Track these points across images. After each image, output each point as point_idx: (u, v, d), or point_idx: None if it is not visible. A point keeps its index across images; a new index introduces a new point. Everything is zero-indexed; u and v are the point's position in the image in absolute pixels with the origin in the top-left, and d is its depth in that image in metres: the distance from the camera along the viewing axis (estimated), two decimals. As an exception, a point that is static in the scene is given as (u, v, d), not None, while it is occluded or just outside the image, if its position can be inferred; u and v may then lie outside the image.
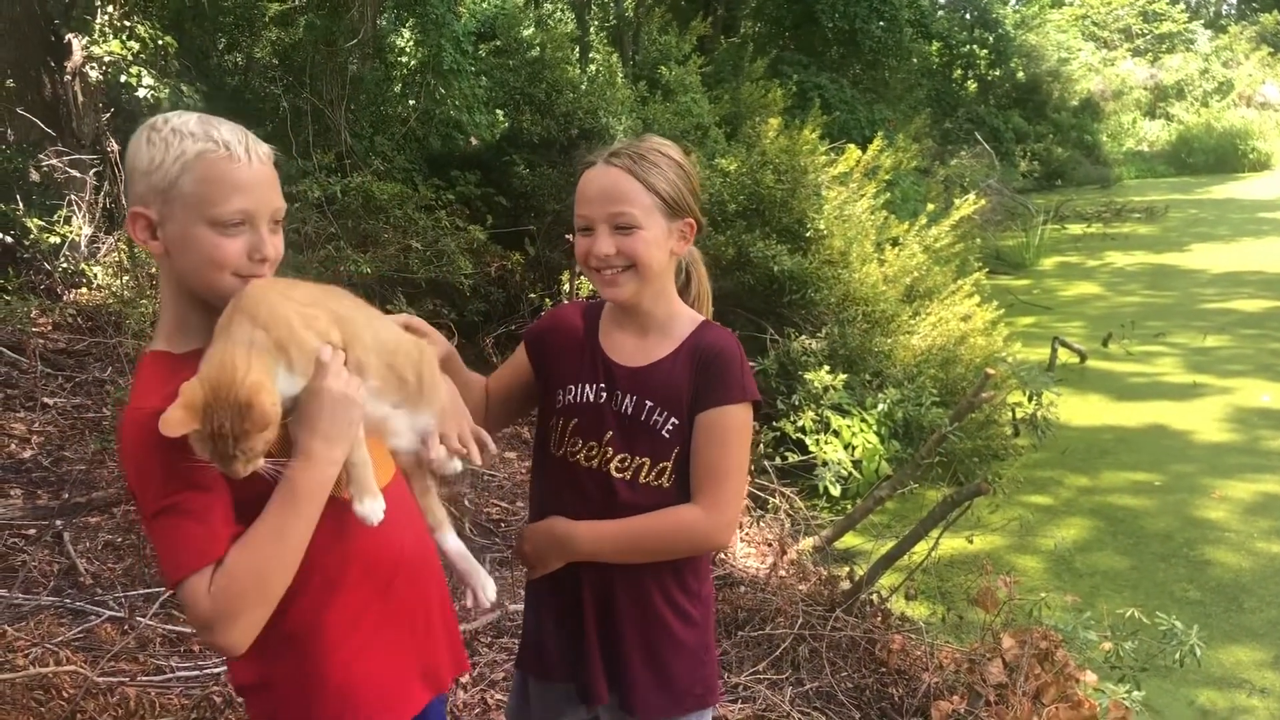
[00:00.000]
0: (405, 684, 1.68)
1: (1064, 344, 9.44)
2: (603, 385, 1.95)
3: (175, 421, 1.35)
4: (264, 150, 1.59)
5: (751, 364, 6.54)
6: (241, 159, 1.53)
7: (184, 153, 1.51)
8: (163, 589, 3.50)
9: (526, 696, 2.09)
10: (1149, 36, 35.09)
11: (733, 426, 1.89)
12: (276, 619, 1.53)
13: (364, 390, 1.55)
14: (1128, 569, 5.46)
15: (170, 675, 3.06)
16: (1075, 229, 17.58)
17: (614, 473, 1.91)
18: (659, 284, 1.95)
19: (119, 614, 3.36)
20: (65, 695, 2.39)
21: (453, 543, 1.87)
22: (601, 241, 1.88)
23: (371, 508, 1.54)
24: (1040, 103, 25.10)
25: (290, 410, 1.48)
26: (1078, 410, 8.10)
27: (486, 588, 1.89)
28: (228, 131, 1.54)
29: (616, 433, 1.91)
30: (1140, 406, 8.22)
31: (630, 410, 1.92)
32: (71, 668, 2.46)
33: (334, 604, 1.59)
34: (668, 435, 1.89)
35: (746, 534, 5.12)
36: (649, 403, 1.91)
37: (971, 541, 4.90)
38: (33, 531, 3.94)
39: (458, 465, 1.76)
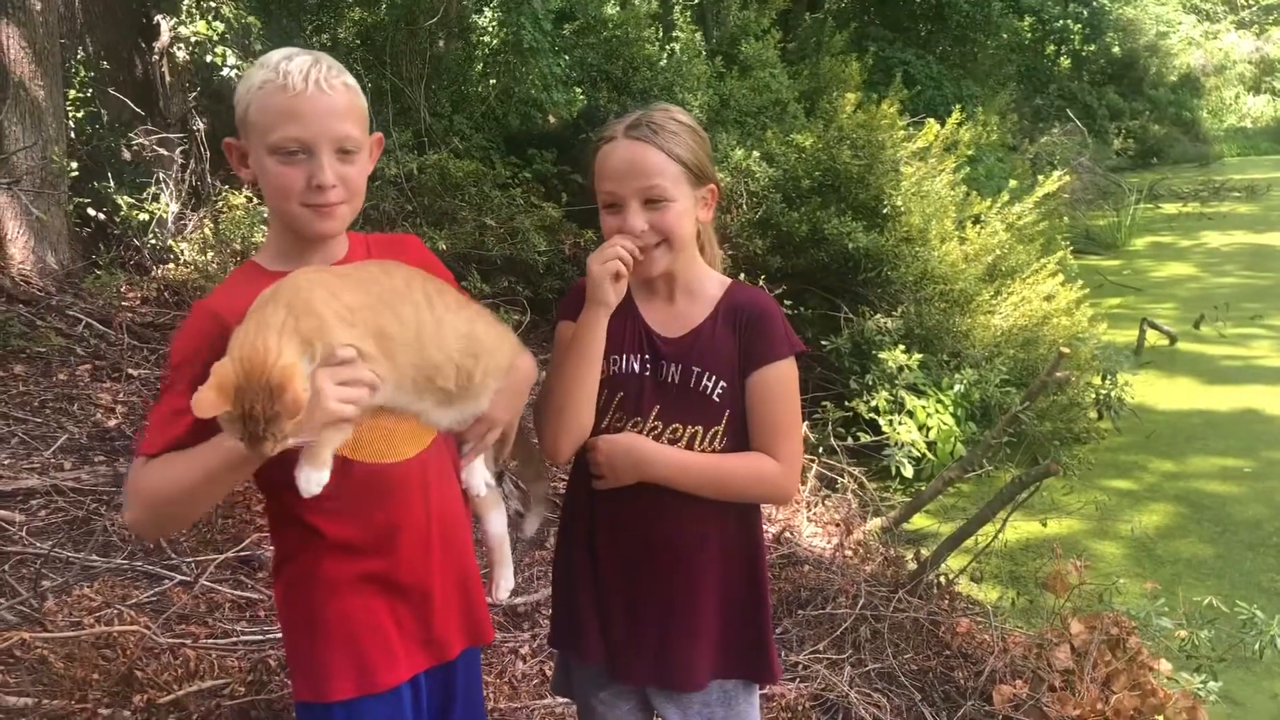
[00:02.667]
0: (406, 644, 1.70)
1: (1153, 325, 9.16)
2: (647, 357, 1.92)
3: (207, 403, 1.38)
4: (337, 81, 1.59)
5: (824, 343, 6.43)
6: (296, 88, 1.55)
7: (251, 84, 1.58)
8: (230, 554, 3.59)
9: (569, 672, 2.08)
10: (1255, 8, 33.73)
11: (786, 381, 1.90)
12: (284, 565, 1.67)
13: (368, 398, 1.53)
14: (1212, 557, 5.30)
15: (236, 639, 3.14)
16: (1170, 208, 17.05)
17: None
18: (688, 253, 1.94)
19: (190, 578, 3.46)
20: (129, 654, 2.48)
21: (495, 527, 1.89)
22: (633, 218, 1.84)
23: (306, 477, 1.51)
24: (1137, 78, 24.33)
25: None
26: (1165, 393, 7.86)
27: (501, 586, 1.92)
28: (299, 62, 1.57)
29: (664, 406, 1.89)
30: (1232, 390, 7.93)
31: (677, 379, 1.90)
32: (135, 627, 2.55)
33: (332, 560, 1.64)
34: (718, 399, 1.88)
35: (813, 513, 5.08)
36: (696, 368, 1.89)
37: (1045, 525, 4.80)
38: (113, 497, 4.07)
39: (481, 489, 1.77)
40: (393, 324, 1.57)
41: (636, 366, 1.93)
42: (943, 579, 4.18)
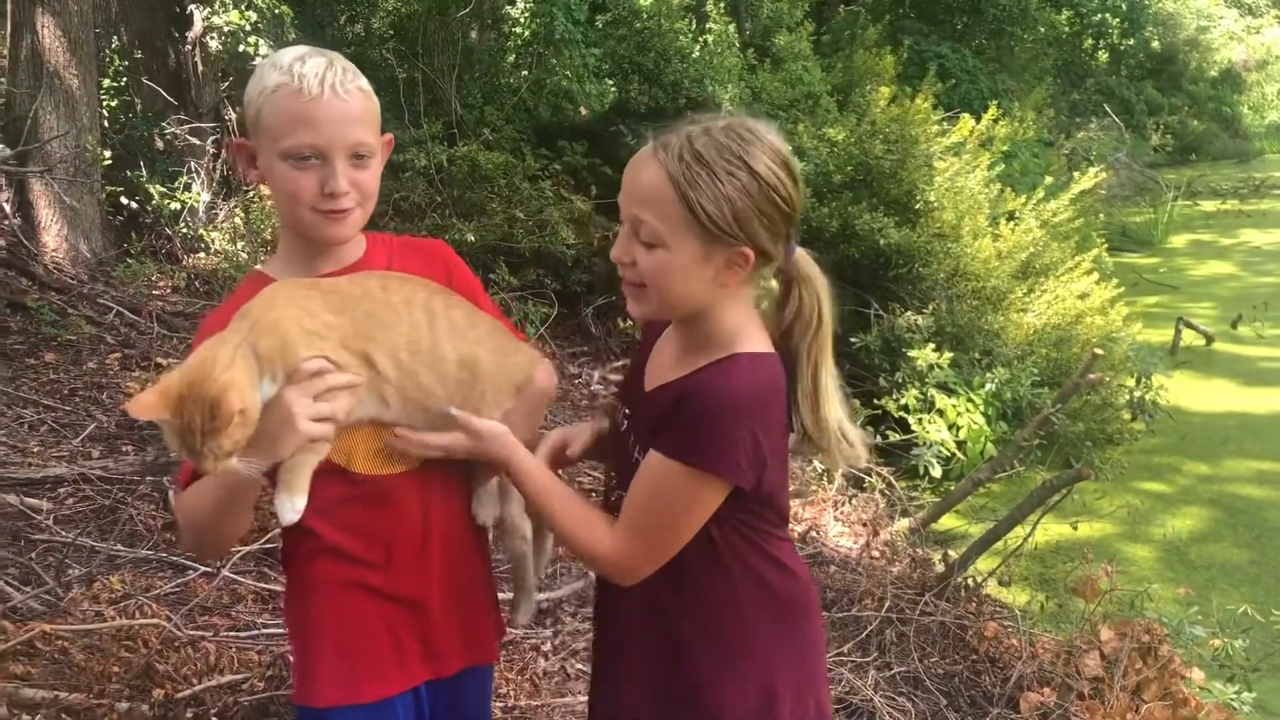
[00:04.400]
0: (402, 656, 1.67)
1: (1189, 325, 9.03)
2: (628, 410, 1.69)
3: (145, 406, 1.37)
4: (350, 84, 1.55)
5: (854, 340, 6.31)
6: (311, 93, 1.51)
7: (265, 86, 1.54)
8: (255, 546, 3.60)
9: None
10: (1299, 2, 33.14)
11: (666, 482, 1.51)
12: (287, 561, 1.67)
13: (345, 410, 1.51)
14: (1247, 563, 5.22)
15: (257, 631, 3.14)
16: (1209, 205, 16.78)
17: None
18: (699, 308, 1.56)
19: (212, 569, 3.47)
20: (149, 646, 2.48)
21: (516, 548, 1.81)
22: (619, 244, 1.55)
23: (282, 505, 1.50)
24: (1176, 73, 23.99)
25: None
26: (1201, 395, 7.74)
27: (520, 611, 1.86)
28: (313, 65, 1.53)
29: (620, 471, 1.66)
30: (1269, 392, 7.81)
31: (631, 439, 1.65)
32: (156, 620, 2.55)
33: (327, 563, 1.62)
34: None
35: (840, 513, 5.03)
36: (632, 435, 1.64)
37: (1076, 528, 4.73)
38: (141, 486, 4.08)
39: (487, 520, 1.72)
40: (381, 343, 1.53)
41: (621, 419, 1.71)
42: (971, 582, 4.13)
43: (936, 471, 5.77)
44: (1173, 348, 8.64)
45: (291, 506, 1.49)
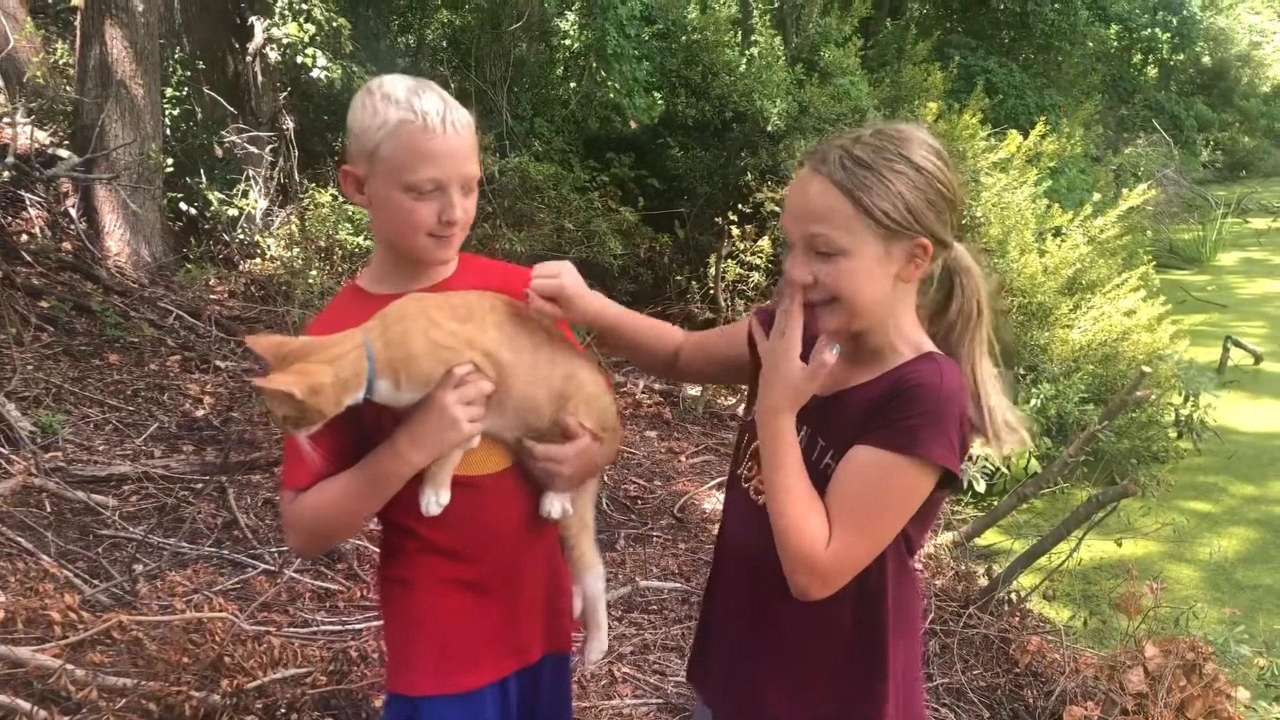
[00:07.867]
0: (494, 648, 1.77)
1: (1237, 344, 8.94)
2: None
3: (261, 345, 1.53)
4: (463, 120, 1.66)
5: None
6: (436, 130, 1.61)
7: (387, 120, 1.63)
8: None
9: None
10: (1355, 18, 32.64)
11: (884, 476, 1.49)
12: (387, 560, 1.78)
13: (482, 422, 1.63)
14: (1295, 584, 5.18)
15: (316, 628, 3.24)
16: (1259, 223, 16.56)
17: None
18: (879, 314, 1.57)
19: (272, 567, 3.57)
20: (218, 639, 2.58)
21: (591, 588, 1.88)
22: (796, 266, 1.53)
23: (427, 499, 1.63)
24: (1227, 89, 23.73)
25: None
26: (1249, 415, 7.68)
27: (592, 649, 1.90)
28: (429, 101, 1.63)
29: None
30: (1320, 414, 7.73)
31: (804, 445, 1.58)
32: (223, 614, 2.65)
33: (427, 561, 1.72)
34: (829, 477, 1.55)
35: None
36: (821, 440, 1.59)
37: (1120, 545, 4.73)
38: (200, 486, 4.21)
39: (554, 512, 1.76)
40: (505, 352, 1.65)
41: None
42: (1014, 596, 4.15)
43: (980, 486, 5.77)
44: (1220, 366, 8.56)
45: (435, 500, 1.63)
